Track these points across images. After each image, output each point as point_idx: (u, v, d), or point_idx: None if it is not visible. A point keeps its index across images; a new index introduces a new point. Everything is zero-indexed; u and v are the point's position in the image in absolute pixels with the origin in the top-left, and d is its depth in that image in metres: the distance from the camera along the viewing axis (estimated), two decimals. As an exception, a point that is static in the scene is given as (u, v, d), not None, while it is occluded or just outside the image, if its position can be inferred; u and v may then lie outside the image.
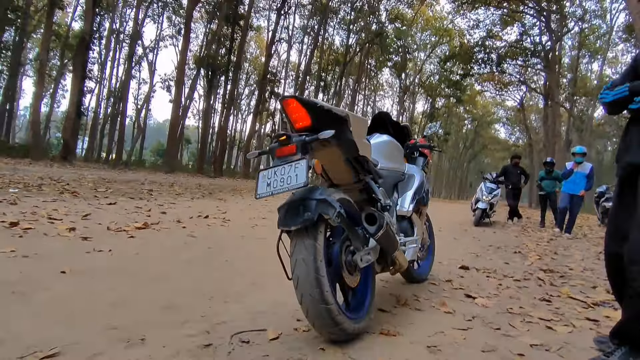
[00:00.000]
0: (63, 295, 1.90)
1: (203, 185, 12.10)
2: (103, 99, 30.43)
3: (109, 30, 27.20)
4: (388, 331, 1.82)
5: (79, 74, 16.86)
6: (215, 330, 1.67)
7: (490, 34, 26.17)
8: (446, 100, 39.27)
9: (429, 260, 3.08)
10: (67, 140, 16.41)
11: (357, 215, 1.77)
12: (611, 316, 2.41)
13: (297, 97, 1.60)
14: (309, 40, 32.57)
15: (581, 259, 4.73)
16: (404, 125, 2.72)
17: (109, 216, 4.23)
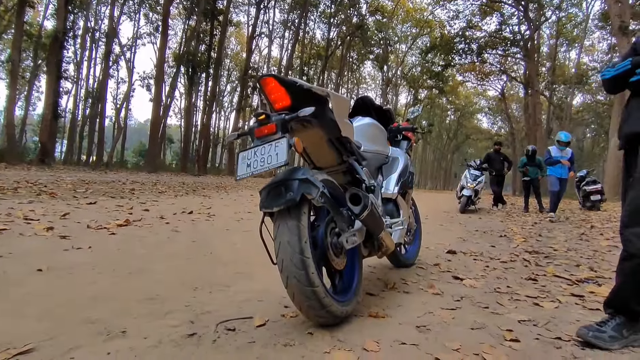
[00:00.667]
0: (39, 291, 1.82)
1: (187, 183, 11.93)
2: (81, 99, 29.63)
3: (84, 29, 26.42)
4: (377, 313, 1.80)
5: (53, 74, 16.38)
6: (199, 320, 1.62)
7: (470, 24, 26.42)
8: (428, 92, 39.55)
9: (416, 245, 3.07)
10: (44, 142, 15.96)
11: (341, 197, 1.74)
12: (595, 291, 2.45)
13: (275, 76, 1.55)
14: (290, 35, 32.34)
15: (565, 240, 4.81)
16: (386, 108, 2.69)
17: (88, 215, 4.10)
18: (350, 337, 1.52)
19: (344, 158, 1.91)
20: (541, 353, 1.49)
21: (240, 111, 27.83)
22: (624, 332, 1.58)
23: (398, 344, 1.49)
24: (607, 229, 6.06)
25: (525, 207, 9.62)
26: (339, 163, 1.93)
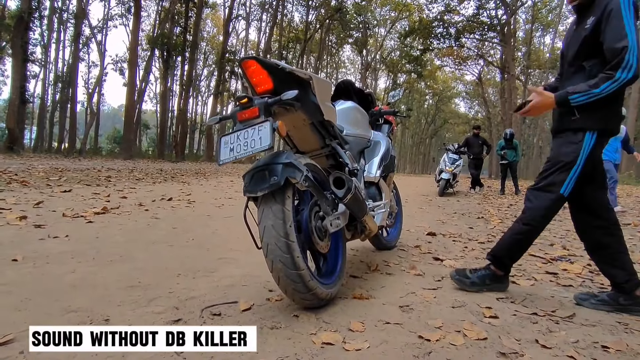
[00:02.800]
0: (15, 281, 1.77)
1: (165, 170, 11.69)
2: (50, 84, 28.42)
3: (51, 9, 25.16)
4: (361, 295, 1.83)
5: (19, 57, 15.64)
6: (184, 306, 1.61)
7: (449, 8, 26.39)
8: (407, 76, 39.66)
9: (397, 228, 3.12)
10: (11, 129, 15.32)
11: (325, 180, 1.74)
12: (568, 269, 2.56)
13: (257, 58, 1.52)
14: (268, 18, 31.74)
15: (538, 221, 4.96)
16: (367, 92, 2.69)
17: (64, 203, 3.99)
18: (336, 319, 1.55)
19: (326, 142, 1.91)
20: (519, 328, 1.55)
21: (218, 96, 27.28)
22: (486, 281, 1.99)
23: (382, 324, 1.52)
24: (578, 210, 6.28)
25: (502, 190, 9.87)
26: (322, 147, 1.93)
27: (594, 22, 1.70)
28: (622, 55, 1.60)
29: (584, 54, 1.78)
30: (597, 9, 1.72)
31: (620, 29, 1.61)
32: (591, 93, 1.65)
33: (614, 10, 1.63)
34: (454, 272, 2.08)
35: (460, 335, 1.45)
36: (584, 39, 1.75)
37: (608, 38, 1.64)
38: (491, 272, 2.01)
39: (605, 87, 1.63)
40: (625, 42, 1.59)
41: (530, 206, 1.90)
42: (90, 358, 1.19)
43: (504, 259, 1.98)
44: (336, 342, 1.33)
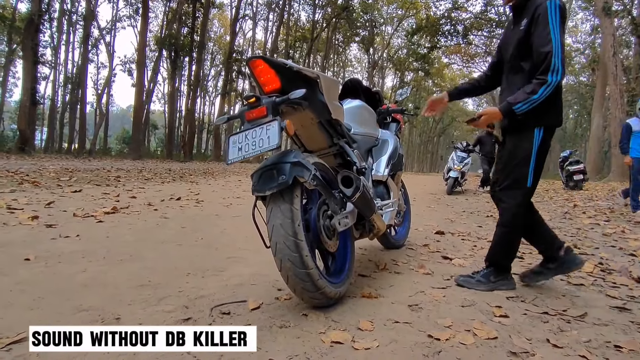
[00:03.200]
0: (28, 280, 1.79)
1: (173, 169, 11.78)
2: (60, 85, 28.76)
3: (60, 11, 25.45)
4: (369, 294, 1.83)
5: (30, 59, 15.82)
6: (194, 305, 1.62)
7: (456, 5, 26.19)
8: (415, 74, 39.46)
9: (405, 227, 3.11)
10: (23, 130, 15.52)
11: (333, 179, 1.74)
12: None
13: (264, 58, 1.53)
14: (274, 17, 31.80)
15: (549, 219, 4.91)
16: (375, 91, 2.68)
17: (74, 203, 4.03)
18: (345, 318, 1.55)
19: (334, 140, 1.90)
20: (529, 327, 1.54)
21: (225, 96, 27.38)
22: (491, 278, 2.03)
23: (391, 323, 1.52)
24: (589, 208, 6.23)
25: None
26: (330, 146, 1.93)
27: (527, 24, 1.84)
28: (549, 60, 1.74)
29: (520, 55, 1.91)
30: (529, 11, 1.85)
31: (546, 34, 1.75)
32: (531, 100, 1.79)
33: (541, 16, 1.77)
34: (458, 277, 2.13)
35: (470, 334, 1.44)
36: (518, 41, 1.89)
37: (536, 42, 1.80)
38: (492, 268, 2.07)
39: (542, 92, 1.77)
40: (549, 47, 1.74)
41: (505, 206, 1.99)
42: (102, 356, 1.20)
43: (501, 261, 2.06)
44: (345, 341, 1.33)
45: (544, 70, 1.77)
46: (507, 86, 2.01)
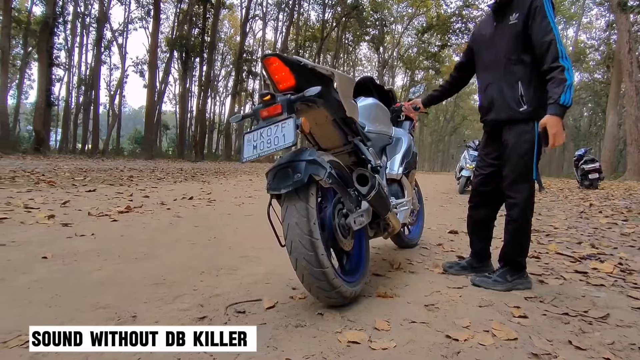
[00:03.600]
0: (45, 278, 1.81)
1: (185, 169, 11.87)
2: (73, 87, 29.15)
3: (74, 14, 25.83)
4: (385, 293, 1.81)
5: (45, 61, 16.11)
6: (208, 303, 1.62)
7: (467, 2, 25.92)
8: (425, 73, 39.21)
9: (419, 226, 3.08)
10: (38, 131, 15.79)
11: (348, 178, 1.72)
12: (598, 267, 2.47)
13: (279, 55, 1.52)
14: (284, 17, 31.82)
15: (565, 219, 4.83)
16: (388, 89, 2.66)
17: (89, 202, 4.08)
18: (360, 317, 1.53)
19: (348, 139, 1.89)
20: (550, 328, 1.50)
21: (235, 96, 27.53)
22: (507, 277, 2.01)
23: (408, 323, 1.50)
24: (606, 207, 6.10)
25: None
26: (344, 144, 1.91)
27: (523, 18, 1.89)
28: (554, 47, 1.80)
29: (521, 48, 1.94)
30: (520, 6, 1.91)
31: (546, 25, 1.83)
32: (568, 86, 1.78)
33: (539, 8, 1.85)
34: (474, 277, 2.11)
35: (489, 335, 1.41)
36: (516, 34, 1.93)
37: (537, 33, 1.85)
38: (508, 267, 2.05)
39: (569, 75, 1.79)
40: (551, 35, 1.81)
41: (514, 202, 2.00)
42: (118, 356, 1.21)
43: (516, 259, 2.04)
44: (362, 341, 1.32)
45: (554, 58, 1.81)
46: (498, 79, 2.02)
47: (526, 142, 1.95)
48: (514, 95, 1.96)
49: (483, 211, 2.24)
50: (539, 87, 1.94)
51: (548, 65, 1.82)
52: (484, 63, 2.12)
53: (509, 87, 1.97)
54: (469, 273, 2.24)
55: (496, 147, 2.12)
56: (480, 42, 2.15)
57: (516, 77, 1.95)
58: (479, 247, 2.27)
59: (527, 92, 1.94)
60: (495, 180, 2.13)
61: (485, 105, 2.11)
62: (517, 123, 1.97)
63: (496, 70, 2.03)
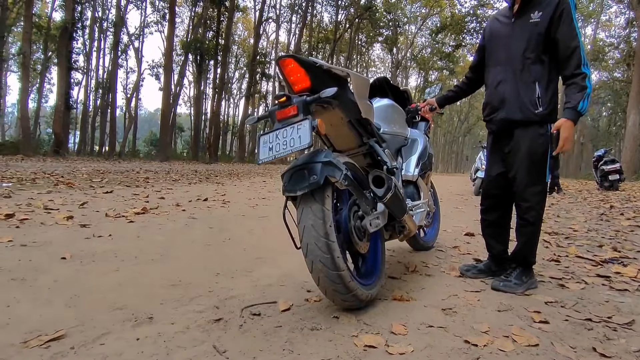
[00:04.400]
0: (65, 278, 1.84)
1: (199, 171, 11.99)
2: (91, 90, 29.77)
3: (92, 19, 26.40)
4: (401, 296, 1.79)
5: (64, 65, 16.48)
6: (224, 305, 1.62)
7: (482, 2, 25.65)
8: (439, 73, 38.85)
9: (435, 228, 3.04)
10: (58, 133, 16.14)
11: (363, 179, 1.71)
12: (622, 272, 2.40)
13: (295, 57, 1.51)
14: (298, 19, 31.90)
15: (584, 221, 4.72)
16: (403, 89, 2.63)
17: (106, 204, 4.15)
18: (377, 321, 1.51)
19: (364, 140, 1.87)
20: (573, 334, 1.46)
21: (249, 98, 27.71)
22: (523, 279, 2.00)
23: (425, 327, 1.47)
24: (628, 209, 5.93)
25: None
26: (359, 145, 1.89)
27: (548, 18, 1.86)
28: (578, 53, 1.81)
29: (541, 48, 1.91)
30: (544, 5, 1.89)
31: (572, 29, 1.83)
32: (587, 94, 1.80)
33: (566, 11, 1.83)
34: (494, 282, 2.04)
35: (509, 340, 1.38)
36: (538, 33, 1.89)
37: (564, 36, 1.84)
38: (522, 268, 2.05)
39: (589, 84, 1.82)
40: (576, 41, 1.82)
41: (530, 205, 1.98)
42: (137, 357, 1.21)
43: (530, 259, 2.05)
44: (379, 345, 1.30)
45: (577, 65, 1.82)
46: (512, 77, 1.97)
47: (541, 146, 1.94)
48: (530, 96, 1.93)
49: (496, 213, 2.21)
50: (554, 89, 1.94)
51: (571, 71, 1.83)
52: (496, 59, 2.06)
53: (525, 87, 1.93)
54: (486, 276, 2.20)
55: (503, 147, 2.09)
56: (494, 38, 2.10)
57: (533, 77, 1.92)
58: (498, 249, 2.23)
59: (545, 93, 1.91)
60: (506, 181, 2.09)
61: (494, 104, 2.06)
62: (532, 125, 1.95)
63: (510, 67, 1.98)
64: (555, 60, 1.91)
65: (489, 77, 2.12)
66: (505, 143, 2.07)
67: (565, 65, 1.85)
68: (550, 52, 1.90)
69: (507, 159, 2.06)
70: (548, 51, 1.90)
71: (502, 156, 2.11)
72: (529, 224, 1.99)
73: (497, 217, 2.21)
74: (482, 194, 2.27)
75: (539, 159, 1.95)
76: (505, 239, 2.24)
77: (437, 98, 2.52)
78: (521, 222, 2.03)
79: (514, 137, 2.00)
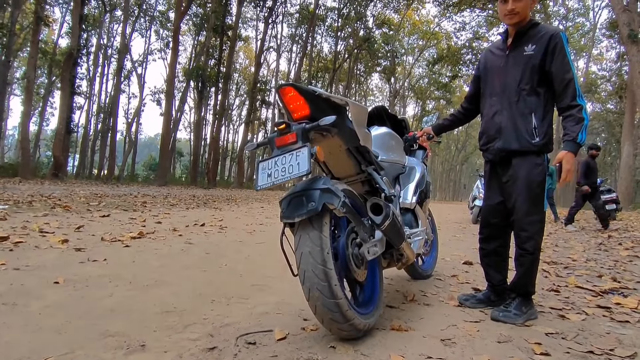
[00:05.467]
0: (57, 304, 1.81)
1: (197, 196, 11.97)
2: (93, 114, 30.09)
3: (97, 46, 27.04)
4: (399, 326, 1.75)
5: (67, 89, 16.71)
6: (219, 333, 1.59)
7: (477, 35, 26.45)
8: (436, 103, 39.57)
9: (433, 256, 3.02)
10: (57, 156, 16.18)
11: (361, 207, 1.71)
12: (622, 303, 2.37)
13: (294, 85, 1.54)
14: (298, 49, 32.73)
15: (583, 250, 4.70)
16: (401, 118, 2.68)
17: (102, 227, 4.12)
18: (374, 351, 1.48)
19: (362, 167, 1.89)
20: (574, 368, 1.43)
21: (249, 124, 28.03)
22: (523, 309, 1.98)
23: (424, 358, 1.44)
24: (626, 239, 5.92)
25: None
26: (358, 173, 1.91)
27: (542, 51, 1.91)
28: (573, 86, 1.87)
29: (536, 80, 1.95)
30: (537, 38, 1.95)
31: (566, 62, 1.89)
32: (585, 126, 1.86)
33: (559, 45, 1.90)
34: (493, 312, 2.02)
35: (510, 373, 1.34)
36: (532, 66, 1.94)
37: (558, 69, 1.89)
38: (521, 298, 2.03)
39: (586, 115, 1.87)
40: (570, 74, 1.88)
41: (528, 234, 1.98)
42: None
43: (530, 289, 2.04)
44: (376, 377, 1.27)
45: (573, 97, 1.87)
46: (508, 107, 2.01)
47: (539, 175, 1.97)
48: (526, 126, 1.96)
49: (495, 242, 2.20)
50: (549, 120, 1.99)
51: (567, 103, 1.88)
52: (492, 90, 2.11)
53: (522, 117, 1.97)
54: (485, 306, 2.17)
55: (500, 176, 2.11)
56: (489, 69, 2.15)
57: (529, 108, 1.96)
58: (497, 279, 2.21)
59: (541, 124, 1.95)
60: (505, 210, 2.10)
61: (491, 133, 2.09)
62: (529, 155, 1.98)
63: (506, 98, 2.03)
64: (550, 93, 1.96)
65: (485, 107, 2.16)
66: (503, 172, 2.09)
67: (561, 97, 1.90)
68: (545, 84, 1.95)
69: (505, 189, 2.08)
70: (543, 83, 1.95)
71: (500, 185, 2.12)
72: (528, 254, 1.98)
73: (496, 246, 2.20)
74: (481, 222, 2.27)
75: (536, 188, 1.97)
76: (504, 268, 2.22)
77: (433, 126, 2.56)
78: (520, 251, 2.02)
79: (512, 166, 2.03)
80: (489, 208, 2.20)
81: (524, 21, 2.00)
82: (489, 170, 2.20)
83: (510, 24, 2.02)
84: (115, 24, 29.63)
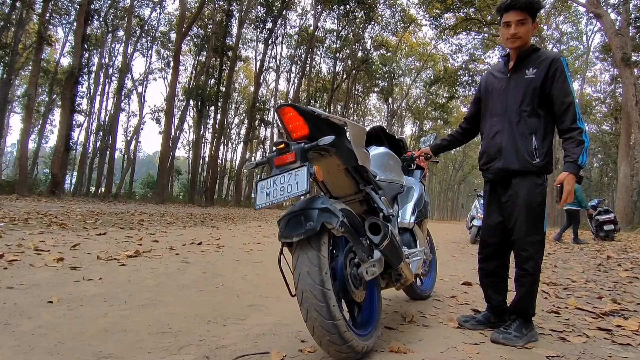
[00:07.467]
0: (50, 324, 1.78)
1: (195, 214, 11.92)
2: (92, 132, 30.22)
3: (98, 65, 27.37)
4: (398, 348, 1.73)
5: (67, 108, 16.83)
6: (214, 355, 1.56)
7: (473, 57, 26.95)
8: (433, 123, 39.99)
9: (432, 277, 3.00)
10: (55, 174, 16.17)
11: (360, 226, 1.71)
12: (623, 325, 2.35)
13: (294, 106, 1.56)
14: (297, 69, 33.17)
15: (582, 271, 4.67)
16: (399, 138, 2.70)
17: (98, 246, 4.08)
18: (373, 374, 1.45)
19: (360, 187, 1.89)
20: (576, 392, 1.40)
21: (247, 143, 28.18)
22: (523, 331, 1.96)
23: (423, 382, 1.41)
24: (624, 260, 5.90)
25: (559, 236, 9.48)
26: (356, 192, 1.91)
27: (543, 75, 1.95)
28: (573, 109, 1.90)
29: (537, 102, 1.99)
30: (538, 62, 1.99)
31: (567, 86, 1.93)
32: (586, 148, 1.89)
33: (560, 69, 1.94)
34: (493, 334, 1.99)
35: (511, 397, 1.32)
36: (533, 89, 1.98)
37: (559, 93, 1.93)
38: (521, 320, 2.02)
39: (586, 138, 1.90)
40: (571, 97, 1.91)
41: (528, 255, 1.99)
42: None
43: (530, 311, 2.04)
44: (375, 401, 1.24)
45: (573, 120, 1.91)
46: (509, 128, 2.04)
47: (539, 195, 1.98)
48: (527, 147, 1.99)
49: (495, 262, 2.19)
50: (549, 141, 2.01)
51: (567, 126, 1.91)
52: (493, 110, 2.13)
53: (522, 138, 2.00)
54: (485, 328, 2.15)
55: (500, 196, 2.12)
56: (490, 91, 2.18)
57: (530, 129, 1.99)
58: (497, 300, 2.20)
59: (541, 145, 1.98)
60: (504, 230, 2.10)
61: (491, 153, 2.11)
62: (529, 175, 1.99)
63: (507, 118, 2.05)
64: (551, 115, 1.99)
65: (485, 127, 2.19)
66: (503, 192, 2.10)
67: (562, 120, 1.94)
68: (546, 106, 1.99)
69: (505, 209, 2.08)
70: (543, 106, 1.99)
71: (500, 205, 2.13)
72: (528, 274, 1.98)
73: (496, 266, 2.19)
74: (480, 242, 2.27)
75: (537, 208, 1.98)
76: (504, 289, 2.21)
77: (431, 146, 2.59)
78: (520, 272, 2.01)
79: (512, 186, 2.04)
80: (488, 228, 2.20)
81: (526, 45, 2.04)
82: (489, 190, 2.21)
83: (513, 48, 2.06)
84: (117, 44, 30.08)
